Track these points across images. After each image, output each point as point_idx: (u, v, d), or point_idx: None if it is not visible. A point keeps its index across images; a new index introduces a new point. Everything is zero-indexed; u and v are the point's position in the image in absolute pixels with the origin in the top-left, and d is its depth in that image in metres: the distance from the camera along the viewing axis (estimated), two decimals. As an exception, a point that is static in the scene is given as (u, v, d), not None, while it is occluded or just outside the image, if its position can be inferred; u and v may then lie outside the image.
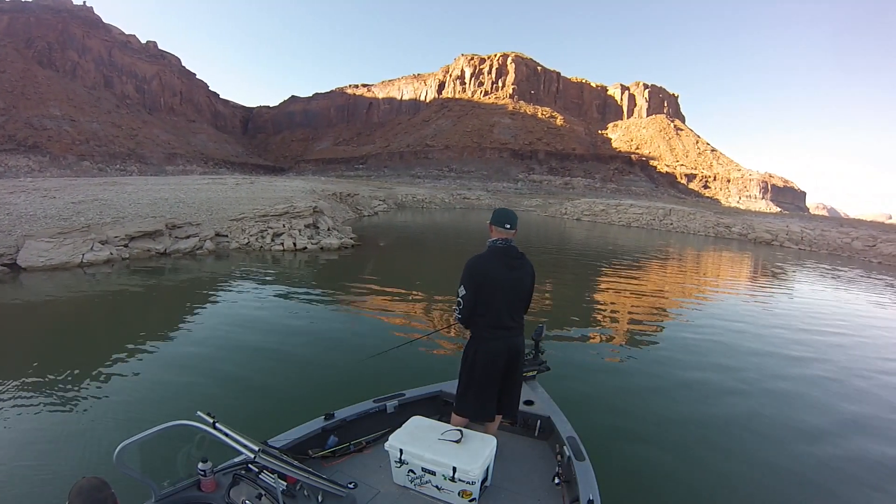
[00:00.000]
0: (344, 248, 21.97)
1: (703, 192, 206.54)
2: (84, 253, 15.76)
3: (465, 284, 3.90)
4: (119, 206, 21.90)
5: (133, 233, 17.68)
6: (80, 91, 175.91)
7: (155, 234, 18.32)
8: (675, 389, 8.34)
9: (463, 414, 4.17)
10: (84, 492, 2.24)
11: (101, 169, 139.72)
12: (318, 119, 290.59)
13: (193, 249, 18.47)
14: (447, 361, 8.80)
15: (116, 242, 17.08)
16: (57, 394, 6.81)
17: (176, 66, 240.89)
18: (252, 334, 9.92)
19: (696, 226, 54.55)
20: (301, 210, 24.14)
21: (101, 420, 6.17)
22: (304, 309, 12.24)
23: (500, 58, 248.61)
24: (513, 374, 4.18)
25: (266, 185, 44.52)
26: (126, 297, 12.54)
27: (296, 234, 21.68)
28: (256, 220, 22.49)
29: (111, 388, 7.12)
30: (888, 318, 15.69)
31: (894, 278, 26.33)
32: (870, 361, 10.68)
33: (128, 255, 16.83)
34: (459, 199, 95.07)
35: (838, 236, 44.69)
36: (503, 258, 3.98)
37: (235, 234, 20.78)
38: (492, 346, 4.00)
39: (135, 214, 20.49)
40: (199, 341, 9.36)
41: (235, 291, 13.48)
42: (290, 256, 19.43)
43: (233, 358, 8.54)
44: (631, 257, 27.43)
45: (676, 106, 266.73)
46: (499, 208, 4.22)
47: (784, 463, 6.14)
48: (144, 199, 24.50)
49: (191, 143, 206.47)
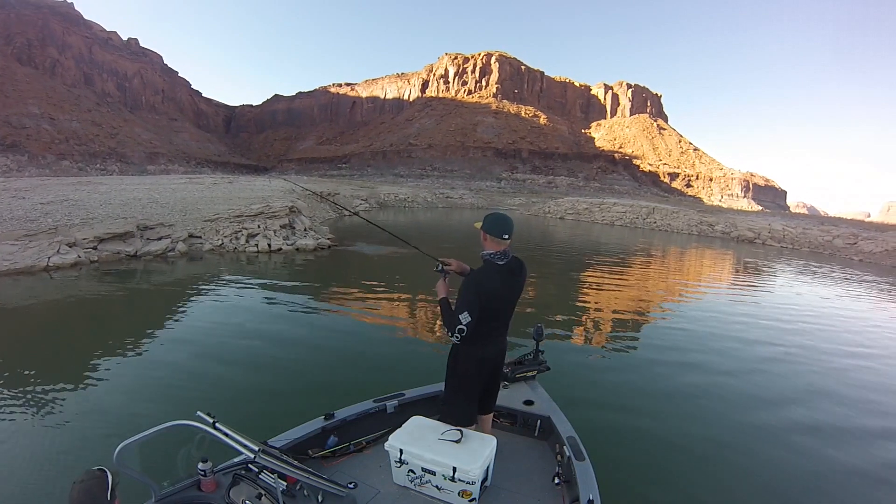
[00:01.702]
0: (320, 248, 21.73)
1: (685, 191, 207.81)
2: (50, 256, 15.34)
3: (470, 310, 3.55)
4: (89, 207, 21.52)
5: (102, 234, 17.30)
6: (60, 89, 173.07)
7: (125, 236, 17.93)
8: (675, 388, 8.44)
9: (449, 421, 4.00)
10: (84, 480, 2.31)
11: (81, 168, 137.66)
12: (301, 118, 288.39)
13: (165, 251, 18.10)
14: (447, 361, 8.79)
15: (84, 245, 16.71)
16: (35, 401, 6.69)
17: (158, 63, 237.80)
18: (233, 338, 9.82)
19: (680, 224, 54.87)
20: (276, 210, 23.83)
21: (83, 429, 6.06)
22: (285, 311, 12.17)
23: (484, 57, 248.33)
24: (498, 374, 4.17)
25: (245, 184, 44.14)
26: (95, 302, 12.23)
27: (271, 234, 21.38)
28: (231, 221, 22.15)
29: (90, 396, 6.99)
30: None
31: (878, 276, 26.75)
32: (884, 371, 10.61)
33: (96, 258, 16.43)
34: (442, 199, 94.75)
35: (819, 234, 45.28)
36: (504, 276, 3.75)
37: (209, 236, 20.44)
38: (485, 353, 3.91)
39: (105, 215, 20.10)
40: (178, 346, 9.20)
41: (211, 295, 13.24)
42: (264, 258, 19.10)
43: (217, 360, 8.51)
44: (617, 255, 27.75)
45: (659, 105, 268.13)
46: (493, 214, 3.87)
47: (784, 462, 6.18)
48: (116, 200, 24.14)
49: (173, 142, 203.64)
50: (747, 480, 5.72)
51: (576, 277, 20.38)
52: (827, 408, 7.96)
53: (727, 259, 30.89)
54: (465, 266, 4.13)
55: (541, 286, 17.30)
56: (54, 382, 7.26)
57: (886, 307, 17.96)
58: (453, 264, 4.14)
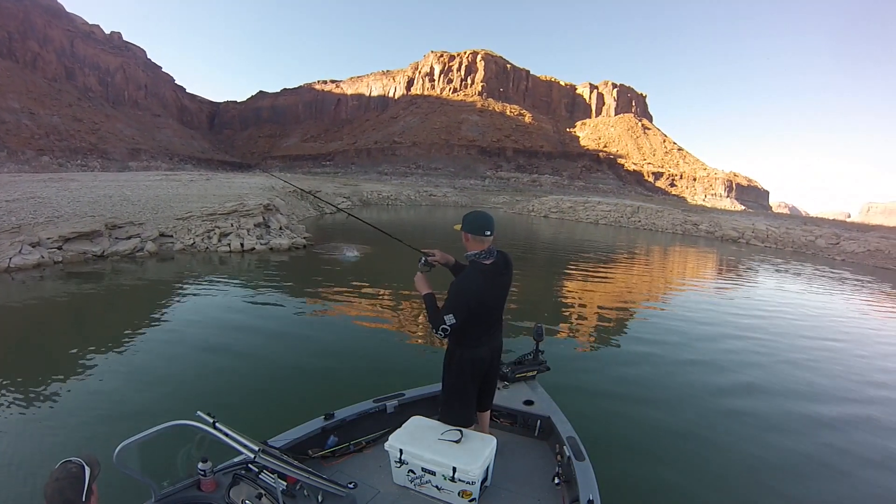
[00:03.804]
0: (295, 247, 21.37)
1: (669, 191, 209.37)
2: (11, 256, 14.85)
3: (455, 314, 3.53)
4: (56, 205, 20.95)
5: (67, 234, 16.81)
6: (41, 83, 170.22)
7: (92, 235, 17.45)
8: (675, 387, 8.52)
9: (450, 422, 3.97)
10: (58, 479, 2.20)
11: (61, 164, 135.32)
12: (285, 115, 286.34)
13: (133, 251, 17.64)
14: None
15: (49, 245, 16.22)
16: (24, 399, 6.68)
17: (141, 58, 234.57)
18: (213, 339, 9.72)
19: (664, 223, 55.19)
20: (251, 208, 23.37)
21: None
22: (258, 310, 12.14)
23: (470, 55, 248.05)
24: (494, 372, 4.21)
25: (223, 181, 43.64)
26: (62, 305, 11.89)
27: (244, 233, 20.95)
28: (203, 219, 21.67)
29: (64, 401, 6.81)
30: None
31: (868, 277, 27.15)
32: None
33: (61, 259, 15.94)
34: (426, 196, 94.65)
35: (802, 234, 45.82)
36: (492, 277, 3.72)
37: (181, 235, 19.93)
38: (479, 353, 3.93)
39: (72, 213, 19.58)
40: (151, 348, 9.08)
41: (183, 297, 13.01)
42: (237, 258, 18.69)
43: (204, 362, 8.47)
44: (604, 254, 28.05)
45: (644, 105, 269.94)
46: (471, 212, 3.82)
47: (785, 461, 6.24)
48: (86, 197, 23.58)
49: (155, 138, 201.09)
50: (748, 480, 5.75)
51: (568, 276, 20.55)
52: (840, 407, 8.11)
53: (712, 258, 31.42)
54: (450, 257, 4.14)
55: (530, 286, 17.39)
56: (29, 385, 7.15)
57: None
58: (437, 255, 4.09)
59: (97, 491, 2.26)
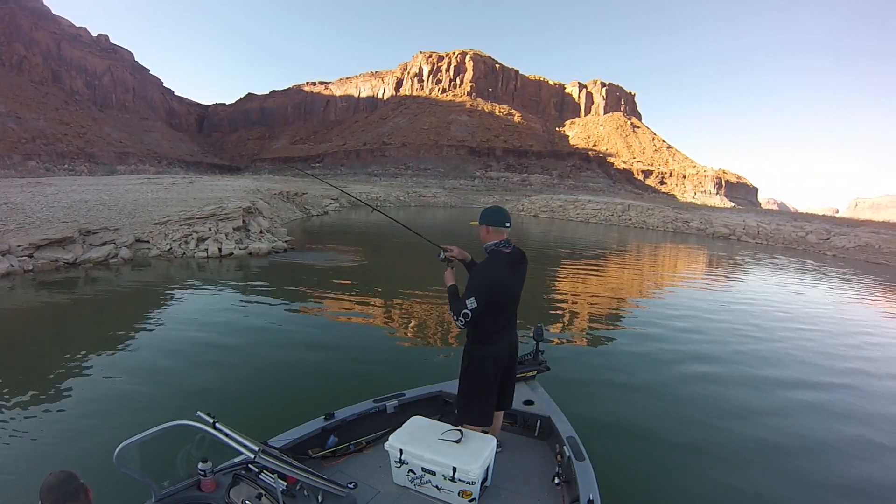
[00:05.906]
0: (275, 252, 20.96)
1: (659, 188, 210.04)
2: (-22, 265, 14.45)
3: (478, 297, 3.65)
4: (29, 211, 20.46)
5: (38, 241, 16.32)
6: (27, 86, 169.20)
7: (64, 242, 16.96)
8: (675, 387, 8.50)
9: (471, 422, 4.04)
10: (53, 487, 2.22)
11: (48, 169, 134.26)
12: (274, 117, 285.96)
13: (107, 258, 17.17)
14: (447, 361, 9.07)
15: (19, 252, 15.76)
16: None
17: (129, 61, 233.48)
18: (207, 339, 9.76)
19: (655, 221, 55.31)
20: (230, 211, 22.91)
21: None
22: (256, 311, 12.12)
23: (459, 55, 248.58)
24: (513, 369, 4.25)
25: (207, 184, 43.21)
26: (40, 315, 11.53)
27: (222, 238, 20.51)
28: (181, 224, 21.20)
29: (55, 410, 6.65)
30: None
31: (865, 274, 27.33)
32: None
33: (31, 267, 15.47)
34: (415, 197, 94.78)
35: (793, 230, 46.07)
36: (512, 264, 3.91)
37: (157, 240, 19.46)
38: (498, 349, 4.00)
39: (45, 219, 19.07)
40: (141, 355, 8.92)
41: (165, 302, 12.77)
42: (214, 264, 18.24)
43: (193, 365, 8.41)
44: (596, 253, 28.15)
45: (633, 104, 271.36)
46: (490, 208, 4.03)
47: (785, 461, 6.22)
48: (60, 203, 23.10)
49: (144, 141, 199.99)
50: (748, 480, 5.73)
51: (561, 274, 20.52)
52: (843, 405, 8.12)
53: (707, 256, 31.48)
54: (467, 254, 4.33)
55: (526, 285, 17.02)
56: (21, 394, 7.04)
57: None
58: (455, 251, 4.27)
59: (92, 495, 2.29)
